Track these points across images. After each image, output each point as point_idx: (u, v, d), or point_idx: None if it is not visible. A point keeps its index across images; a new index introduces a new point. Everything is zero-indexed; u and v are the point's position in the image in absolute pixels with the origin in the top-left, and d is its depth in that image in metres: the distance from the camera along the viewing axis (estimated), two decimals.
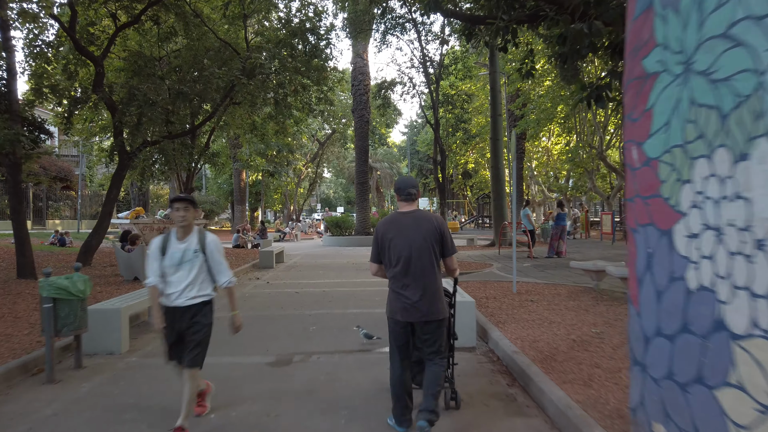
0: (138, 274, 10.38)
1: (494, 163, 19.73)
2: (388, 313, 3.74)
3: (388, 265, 3.72)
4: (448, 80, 29.26)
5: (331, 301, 9.29)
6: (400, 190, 3.80)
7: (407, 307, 3.61)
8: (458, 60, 25.67)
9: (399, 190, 3.81)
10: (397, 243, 3.65)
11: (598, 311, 7.17)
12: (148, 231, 22.29)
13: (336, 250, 21.69)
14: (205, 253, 3.85)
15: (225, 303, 4.22)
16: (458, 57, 25.74)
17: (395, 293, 3.68)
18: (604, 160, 26.47)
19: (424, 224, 3.67)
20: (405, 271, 3.63)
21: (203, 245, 3.85)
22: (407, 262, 3.62)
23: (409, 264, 3.61)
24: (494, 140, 19.68)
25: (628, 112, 3.21)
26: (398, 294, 3.65)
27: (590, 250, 17.67)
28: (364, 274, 13.09)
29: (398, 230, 3.69)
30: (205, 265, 3.86)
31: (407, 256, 3.62)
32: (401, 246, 3.64)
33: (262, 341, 6.46)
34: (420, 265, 3.61)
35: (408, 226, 3.68)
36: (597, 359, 4.92)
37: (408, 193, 3.76)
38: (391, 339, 3.76)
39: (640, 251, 3.04)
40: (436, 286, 3.65)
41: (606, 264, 8.62)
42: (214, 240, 3.92)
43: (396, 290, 3.67)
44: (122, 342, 5.99)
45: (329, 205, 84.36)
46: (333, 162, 49.20)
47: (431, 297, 3.61)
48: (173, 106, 14.00)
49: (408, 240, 3.63)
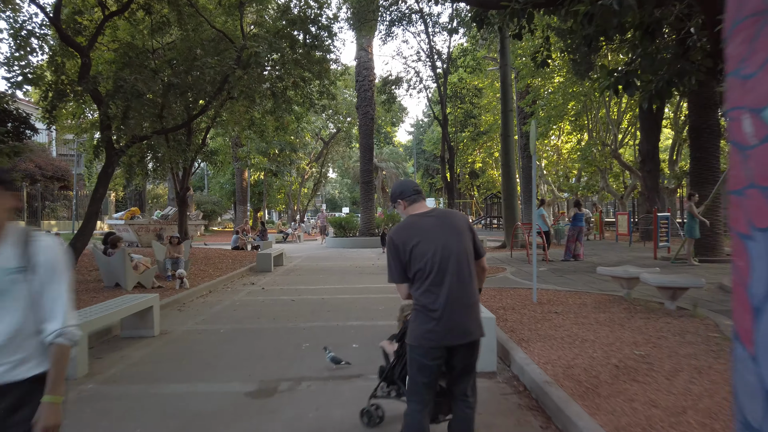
0: (119, 280, 9.50)
1: (505, 161, 18.74)
2: (414, 340, 2.83)
3: (416, 279, 2.86)
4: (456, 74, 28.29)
5: (330, 311, 8.37)
6: (405, 193, 3.08)
7: (448, 327, 2.76)
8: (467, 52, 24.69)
9: (403, 193, 3.09)
10: (425, 249, 2.84)
11: (635, 326, 6.20)
12: (143, 232, 21.50)
13: (339, 252, 20.78)
14: (34, 276, 2.00)
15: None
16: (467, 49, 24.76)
17: (428, 311, 2.80)
18: (618, 158, 25.45)
19: (453, 222, 2.96)
20: (440, 282, 2.80)
21: (30, 260, 2.01)
22: (442, 269, 2.81)
23: (445, 272, 2.81)
24: (505, 137, 18.68)
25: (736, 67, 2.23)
26: (431, 311, 2.79)
27: (607, 252, 16.66)
28: (367, 279, 12.17)
29: (423, 234, 2.88)
30: (29, 299, 2.00)
31: (441, 263, 2.82)
32: (431, 251, 2.83)
33: (245, 362, 5.54)
34: (458, 271, 2.84)
35: (433, 228, 2.90)
36: (652, 394, 3.97)
37: (416, 191, 3.09)
38: (415, 374, 2.86)
39: (758, 267, 2.05)
40: (478, 296, 2.95)
41: (639, 270, 7.65)
42: (54, 251, 2.06)
43: (429, 307, 2.79)
44: (78, 365, 5.09)
45: (335, 205, 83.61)
46: (338, 162, 48.38)
47: (476, 310, 2.89)
48: (164, 100, 13.12)
49: (438, 243, 2.86)
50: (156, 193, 42.04)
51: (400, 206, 3.11)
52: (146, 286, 9.85)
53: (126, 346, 6.29)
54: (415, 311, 2.86)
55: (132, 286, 9.54)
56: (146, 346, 6.28)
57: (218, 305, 9.04)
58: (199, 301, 9.54)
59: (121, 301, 6.57)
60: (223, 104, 16.09)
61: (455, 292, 2.81)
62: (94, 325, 5.55)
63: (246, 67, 12.65)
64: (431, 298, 2.80)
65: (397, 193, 3.10)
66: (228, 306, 8.96)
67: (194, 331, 7.03)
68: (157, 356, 5.86)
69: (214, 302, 9.34)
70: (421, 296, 2.83)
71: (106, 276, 9.71)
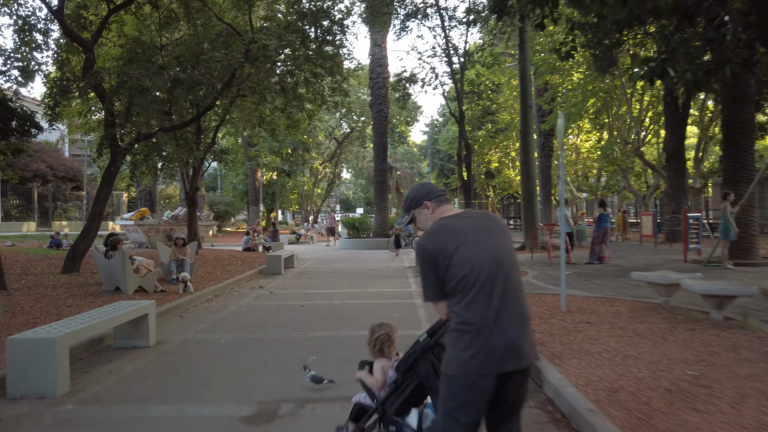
0: (119, 283, 9.01)
1: (524, 160, 18.03)
2: (456, 369, 2.23)
3: (457, 290, 2.28)
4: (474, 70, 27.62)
5: (341, 318, 7.79)
6: (432, 193, 2.57)
7: (502, 348, 2.22)
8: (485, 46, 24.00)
9: (429, 193, 2.57)
10: (467, 254, 2.29)
11: (680, 339, 5.53)
12: (153, 233, 21.12)
13: (352, 254, 20.23)
14: None
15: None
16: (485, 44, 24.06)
17: (475, 329, 2.22)
18: (641, 157, 24.59)
19: (492, 224, 2.47)
20: (489, 292, 2.25)
21: None
22: (490, 277, 2.27)
23: (494, 280, 2.28)
24: (524, 134, 17.98)
25: None
26: (479, 329, 2.22)
27: (633, 254, 15.89)
28: (380, 283, 11.59)
29: (461, 237, 2.34)
30: None
31: (489, 270, 2.28)
32: (474, 257, 2.29)
33: (244, 378, 4.98)
34: (509, 279, 2.32)
35: (473, 230, 2.38)
36: (719, 428, 3.32)
37: (442, 192, 2.62)
38: (455, 414, 2.26)
39: None
40: (530, 310, 2.51)
41: (679, 276, 6.97)
42: None
43: (476, 324, 2.22)
44: (58, 382, 4.56)
45: (348, 206, 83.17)
46: (351, 162, 47.87)
47: (529, 328, 2.37)
48: (171, 96, 12.66)
49: (481, 247, 2.33)
50: (168, 193, 41.83)
51: (425, 210, 2.54)
52: (148, 291, 9.36)
53: (117, 358, 5.77)
54: (457, 332, 2.26)
55: (133, 291, 9.05)
56: (139, 358, 5.75)
57: (222, 311, 8.51)
58: (202, 306, 9.02)
59: (116, 307, 6.05)
60: (233, 101, 15.62)
61: (507, 304, 2.27)
62: (81, 335, 5.03)
63: (254, 61, 12.14)
64: (479, 313, 2.23)
65: (423, 194, 2.55)
66: (233, 312, 8.43)
67: (193, 341, 6.49)
68: (148, 370, 5.32)
69: (219, 308, 8.81)
70: (464, 311, 2.25)
71: (106, 279, 9.23)
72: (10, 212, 25.76)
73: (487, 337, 2.20)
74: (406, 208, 2.61)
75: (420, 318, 7.70)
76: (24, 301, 8.17)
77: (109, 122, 11.69)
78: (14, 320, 6.83)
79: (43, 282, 10.25)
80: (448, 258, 2.27)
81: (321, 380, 4.65)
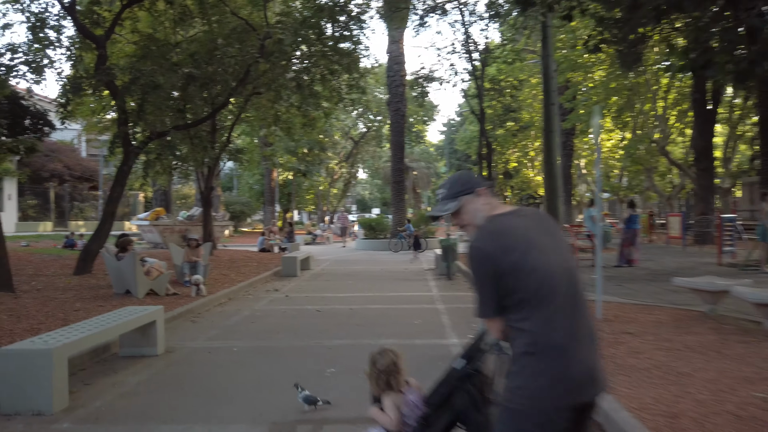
0: (129, 286, 8.68)
1: (547, 158, 17.40)
2: (527, 402, 1.79)
3: (522, 305, 1.84)
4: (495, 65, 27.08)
5: (360, 324, 7.37)
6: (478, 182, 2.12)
7: (580, 374, 1.81)
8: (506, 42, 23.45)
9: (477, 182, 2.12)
10: (535, 261, 1.85)
11: (736, 354, 5.01)
12: (168, 233, 20.90)
13: (369, 255, 19.82)
14: None
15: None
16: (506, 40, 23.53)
17: (553, 353, 1.79)
18: (667, 156, 23.85)
19: (550, 225, 2.06)
20: (564, 309, 1.84)
21: None
22: (561, 290, 1.85)
23: (567, 295, 1.86)
24: (547, 132, 17.34)
25: None
26: (553, 351, 1.79)
27: (662, 257, 15.23)
28: (400, 286, 11.16)
29: (525, 241, 1.89)
30: None
31: (561, 282, 1.87)
32: (546, 265, 1.86)
33: (257, 394, 4.57)
34: (576, 292, 1.91)
35: (537, 232, 1.95)
36: None
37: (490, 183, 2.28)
38: None
39: None
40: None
41: (728, 282, 6.43)
42: None
43: (555, 347, 1.79)
44: (55, 397, 4.18)
45: (364, 206, 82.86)
46: (368, 162, 47.52)
47: (599, 351, 1.95)
48: (184, 93, 12.35)
49: (550, 253, 1.91)
50: (183, 192, 41.78)
51: (479, 200, 2.07)
52: (159, 294, 9.01)
53: (122, 368, 5.40)
54: (525, 355, 1.82)
55: (143, 294, 8.72)
56: (145, 369, 5.38)
57: (236, 316, 8.14)
58: (215, 310, 8.66)
59: (122, 314, 5.69)
60: (248, 99, 15.30)
61: (581, 321, 1.86)
62: (82, 345, 4.67)
63: (269, 56, 11.77)
64: (557, 332, 1.80)
65: (473, 181, 2.10)
66: (247, 317, 8.05)
67: (203, 350, 6.11)
68: (154, 383, 4.94)
69: (232, 312, 8.44)
70: (536, 329, 1.81)
71: (116, 282, 8.92)
72: (27, 212, 25.81)
73: (566, 363, 1.78)
74: (452, 194, 2.09)
75: (444, 325, 7.25)
76: (31, 304, 7.87)
77: (121, 120, 11.42)
78: (18, 325, 6.50)
79: (54, 284, 9.99)
80: (516, 265, 1.83)
81: (315, 401, 4.10)
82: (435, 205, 2.16)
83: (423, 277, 12.94)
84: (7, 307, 7.52)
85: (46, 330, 6.09)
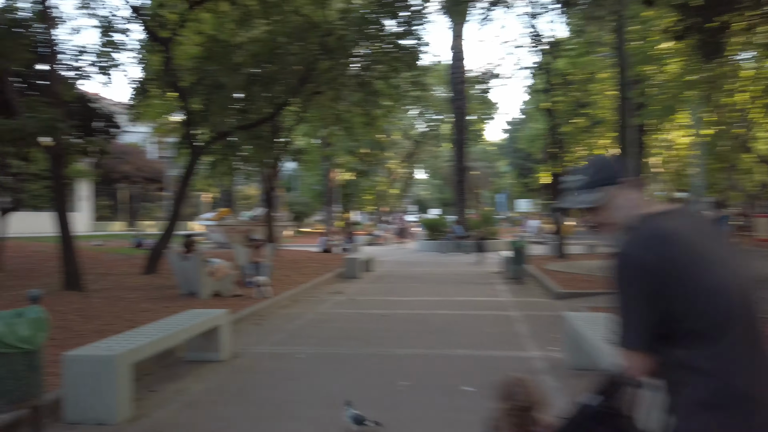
0: (193, 287, 8.62)
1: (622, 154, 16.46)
2: None
3: (698, 336, 1.38)
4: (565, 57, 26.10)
5: (430, 331, 6.94)
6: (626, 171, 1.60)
7: None
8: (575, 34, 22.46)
9: (625, 170, 1.61)
10: (714, 278, 1.40)
11: None
12: (233, 233, 21.22)
13: (431, 257, 19.35)
14: None
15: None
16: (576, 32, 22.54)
17: (748, 401, 1.34)
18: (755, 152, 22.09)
19: (716, 232, 1.59)
20: (743, 344, 1.37)
21: None
22: (746, 318, 1.40)
23: (745, 326, 1.39)
24: (622, 127, 16.41)
25: None
26: (749, 401, 1.35)
27: (754, 262, 13.97)
28: (467, 290, 10.66)
29: (699, 251, 1.43)
30: None
31: (743, 305, 1.41)
32: (725, 283, 1.41)
33: (320, 409, 4.21)
34: (757, 322, 1.44)
35: (705, 239, 1.48)
36: None
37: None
38: None
39: None
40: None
41: None
42: None
43: (749, 394, 1.35)
44: (119, 406, 3.99)
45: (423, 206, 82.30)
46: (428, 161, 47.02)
47: None
48: (247, 93, 12.34)
49: (726, 267, 1.45)
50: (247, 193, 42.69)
51: (629, 193, 1.57)
52: (224, 294, 8.92)
53: (187, 374, 5.21)
54: (706, 409, 1.34)
55: (208, 295, 8.64)
56: (210, 375, 5.16)
57: (300, 319, 7.90)
58: (279, 312, 8.46)
59: (187, 317, 5.52)
60: (309, 99, 15.20)
61: (764, 360, 1.41)
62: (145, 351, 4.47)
63: (331, 53, 11.55)
64: (749, 373, 1.35)
65: (620, 169, 1.60)
66: (311, 321, 7.80)
67: (268, 356, 5.87)
68: (218, 392, 4.71)
69: (296, 315, 8.21)
70: (717, 371, 1.34)
71: (182, 282, 8.90)
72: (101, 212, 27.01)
73: (763, 420, 1.32)
74: (595, 182, 1.58)
75: (519, 335, 6.71)
76: (100, 304, 7.93)
77: (186, 121, 11.50)
78: (86, 326, 6.48)
79: (123, 283, 10.13)
80: (688, 283, 1.37)
81: (362, 421, 3.64)
82: (567, 194, 1.66)
83: (489, 280, 12.37)
84: (77, 307, 7.57)
85: (113, 332, 6.01)
